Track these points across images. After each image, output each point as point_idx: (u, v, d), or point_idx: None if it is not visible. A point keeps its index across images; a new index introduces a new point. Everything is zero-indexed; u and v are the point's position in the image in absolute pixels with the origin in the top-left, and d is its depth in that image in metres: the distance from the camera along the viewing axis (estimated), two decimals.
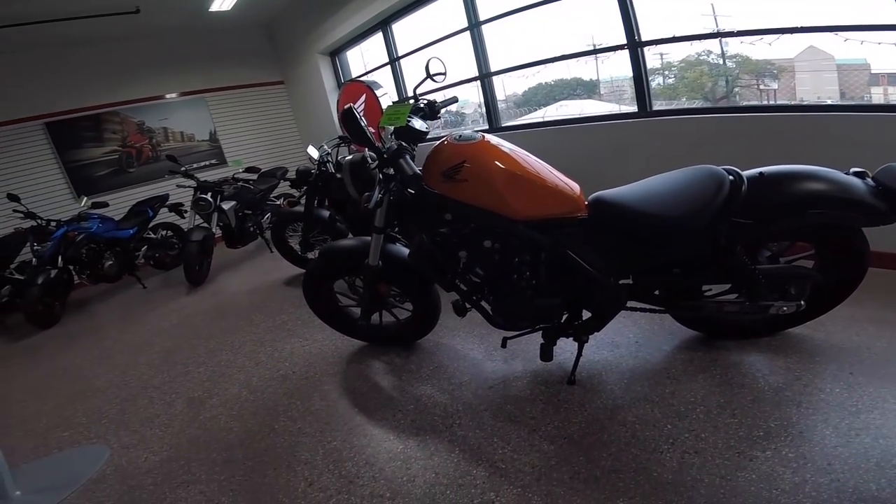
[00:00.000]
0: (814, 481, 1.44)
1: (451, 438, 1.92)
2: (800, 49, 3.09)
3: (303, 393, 2.43)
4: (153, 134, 6.31)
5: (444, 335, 2.69)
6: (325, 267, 2.48)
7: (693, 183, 1.76)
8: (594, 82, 4.40)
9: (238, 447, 2.12)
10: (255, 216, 5.08)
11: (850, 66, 3.00)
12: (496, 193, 1.83)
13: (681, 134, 3.15)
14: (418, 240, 2.05)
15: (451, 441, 1.91)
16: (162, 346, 3.38)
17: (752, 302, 1.87)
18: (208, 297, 4.32)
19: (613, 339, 2.36)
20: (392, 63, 5.44)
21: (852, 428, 1.61)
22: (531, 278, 1.94)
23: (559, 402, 2.01)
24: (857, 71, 2.98)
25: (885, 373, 1.83)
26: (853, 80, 3.03)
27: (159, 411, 2.53)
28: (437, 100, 2.20)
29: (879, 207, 1.64)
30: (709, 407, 1.83)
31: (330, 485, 1.80)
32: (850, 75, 3.03)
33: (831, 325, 2.14)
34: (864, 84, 2.98)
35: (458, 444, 1.88)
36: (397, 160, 1.91)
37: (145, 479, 2.04)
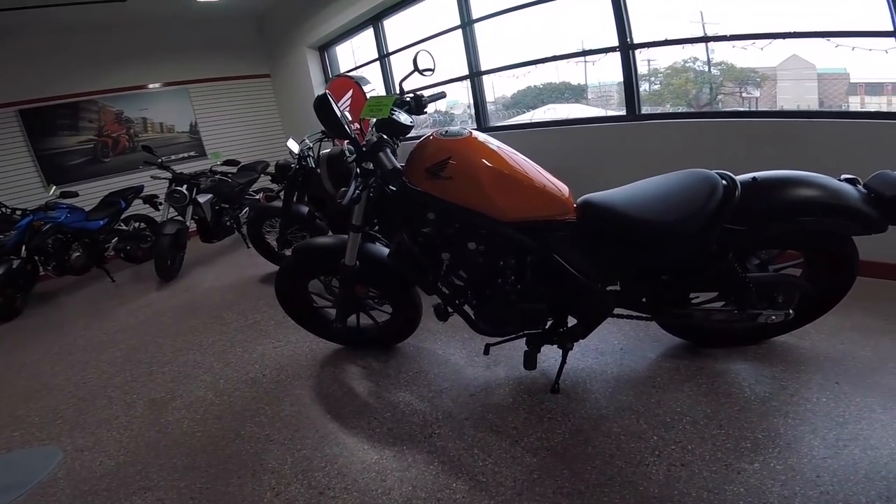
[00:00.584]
0: (803, 494, 1.41)
1: (430, 449, 1.83)
2: (783, 57, 3.13)
3: (272, 397, 2.32)
4: (132, 124, 6.15)
5: (424, 339, 2.60)
6: (299, 265, 2.36)
7: (685, 187, 1.71)
8: (582, 87, 4.40)
9: (201, 453, 2.00)
10: (232, 210, 4.94)
11: (830, 76, 3.05)
12: (482, 192, 1.75)
13: (668, 137, 3.14)
14: (399, 239, 1.94)
15: (430, 452, 1.82)
16: (127, 343, 3.23)
17: (740, 310, 1.83)
18: (179, 292, 4.16)
19: (598, 347, 2.30)
20: (381, 59, 5.36)
21: (840, 439, 1.59)
22: (516, 282, 1.86)
23: (542, 411, 1.94)
24: (837, 80, 3.03)
25: (872, 382, 1.82)
26: (832, 90, 3.08)
27: (118, 413, 2.39)
28: (425, 94, 2.11)
29: (871, 215, 1.62)
30: (695, 417, 1.79)
31: (298, 496, 1.70)
32: (830, 84, 3.08)
33: (817, 334, 2.13)
34: (842, 93, 3.03)
35: (437, 456, 1.79)
36: (377, 153, 1.79)
37: (99, 483, 1.91)
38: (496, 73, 4.34)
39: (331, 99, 1.73)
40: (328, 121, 1.76)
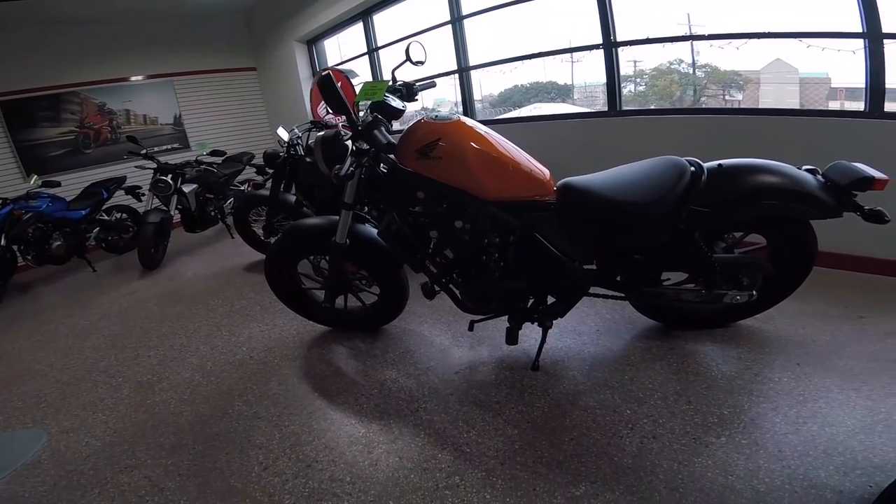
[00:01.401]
0: (766, 468, 1.50)
1: (416, 422, 1.90)
2: (767, 61, 3.24)
3: (260, 377, 2.35)
4: (114, 116, 6.10)
5: (410, 321, 2.67)
6: (290, 245, 2.40)
7: (656, 171, 1.83)
8: (568, 87, 4.50)
9: (188, 431, 2.03)
10: (217, 200, 4.94)
11: (812, 80, 3.17)
12: (469, 173, 1.83)
13: (648, 132, 3.27)
14: (389, 218, 2.02)
15: (416, 425, 1.88)
16: (110, 330, 3.22)
17: (707, 290, 1.94)
18: (163, 281, 4.14)
19: (576, 328, 2.40)
20: (371, 53, 5.40)
21: (800, 416, 1.69)
22: (500, 260, 1.94)
23: (523, 387, 2.02)
24: (818, 84, 3.15)
25: (830, 364, 1.94)
26: (813, 94, 3.20)
27: (104, 396, 2.40)
28: (416, 83, 2.18)
29: (828, 202, 1.74)
30: (666, 393, 1.88)
31: (286, 469, 1.75)
32: (812, 88, 3.20)
33: (780, 319, 2.25)
34: (822, 98, 3.15)
35: (423, 429, 1.86)
36: (372, 131, 1.87)
37: (84, 464, 1.92)
38: (483, 71, 4.41)
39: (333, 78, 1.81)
40: (330, 97, 1.82)
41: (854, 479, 1.41)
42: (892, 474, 1.33)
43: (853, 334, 2.12)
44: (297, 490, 1.65)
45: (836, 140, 2.59)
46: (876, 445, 1.52)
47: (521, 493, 1.52)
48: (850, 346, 2.03)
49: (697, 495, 1.43)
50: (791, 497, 1.39)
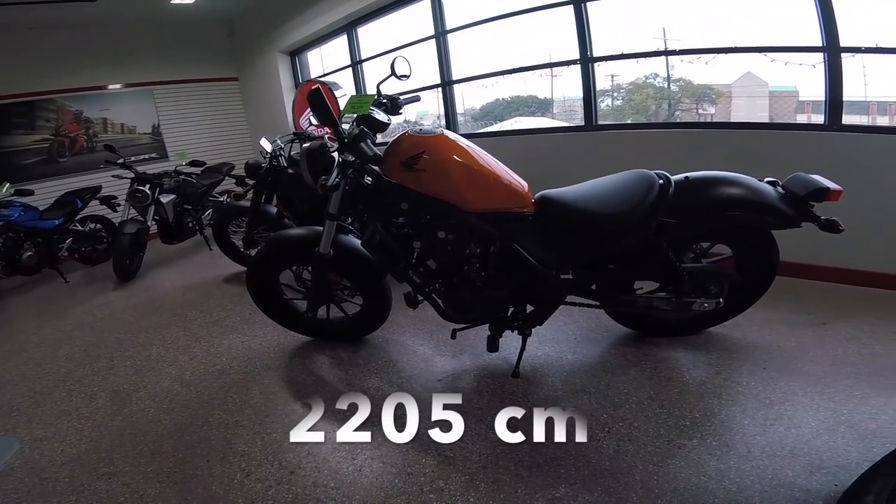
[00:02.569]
0: (737, 468, 1.56)
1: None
2: (738, 75, 3.39)
3: (241, 387, 2.34)
4: (91, 124, 6.01)
5: (393, 331, 2.69)
6: (273, 255, 2.42)
7: (627, 184, 1.93)
8: (548, 101, 4.62)
9: (168, 439, 2.01)
10: (195, 212, 4.88)
11: (781, 93, 3.32)
12: (452, 185, 1.90)
13: (622, 146, 3.41)
14: (373, 228, 2.07)
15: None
16: (84, 340, 3.15)
17: (677, 298, 2.03)
18: (139, 292, 4.07)
19: (554, 336, 2.47)
20: (354, 66, 5.45)
21: (767, 418, 1.78)
22: (481, 270, 2.00)
23: (504, 393, 2.07)
24: (787, 97, 3.30)
25: (794, 368, 2.04)
26: (782, 107, 3.35)
27: (79, 404, 2.36)
28: (400, 97, 2.25)
29: (787, 212, 1.86)
30: (640, 398, 1.96)
31: (269, 475, 1.75)
32: (781, 101, 3.35)
33: (747, 326, 2.36)
34: (791, 111, 3.30)
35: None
36: (358, 144, 1.93)
37: (60, 471, 1.89)
38: (466, 84, 4.51)
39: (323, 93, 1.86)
40: (320, 110, 1.87)
41: (820, 479, 1.48)
42: (855, 473, 1.39)
43: (816, 340, 2.23)
44: (281, 496, 1.65)
45: (798, 152, 2.74)
46: (839, 446, 1.60)
47: (503, 495, 1.56)
48: (813, 351, 2.15)
49: (672, 495, 1.48)
50: (761, 496, 1.45)
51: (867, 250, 2.67)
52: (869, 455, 1.50)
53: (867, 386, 1.88)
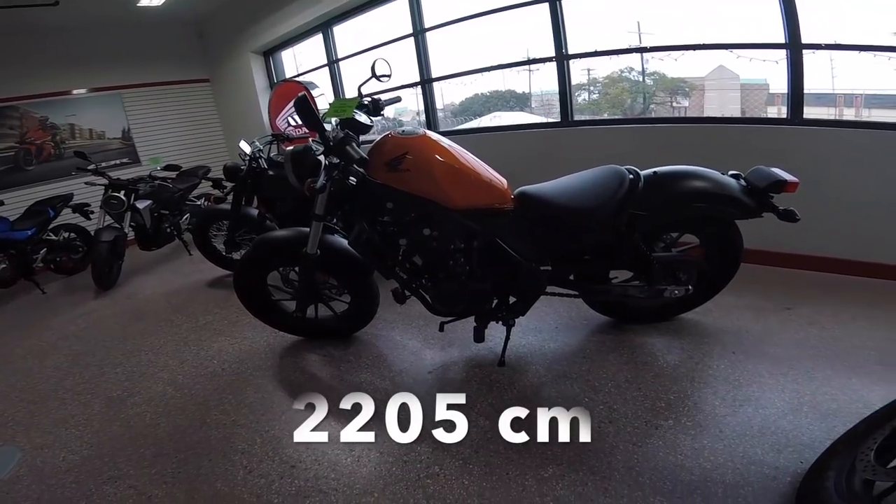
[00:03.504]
0: (710, 447, 1.67)
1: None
2: (711, 68, 3.52)
3: (235, 388, 2.39)
4: (58, 130, 5.83)
5: (382, 328, 2.77)
6: (260, 257, 2.47)
7: (599, 179, 2.06)
8: (527, 95, 4.71)
9: (168, 441, 2.06)
10: (172, 216, 4.83)
11: (752, 86, 3.45)
12: (435, 183, 1.99)
13: (598, 141, 3.53)
14: (359, 227, 2.14)
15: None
16: (71, 349, 3.13)
17: (649, 286, 2.17)
18: (121, 300, 4.04)
19: (537, 326, 2.59)
20: (331, 65, 5.42)
21: (736, 399, 1.90)
22: (465, 264, 2.10)
23: (491, 381, 2.18)
24: (758, 90, 3.44)
25: (761, 352, 2.18)
26: (754, 99, 3.48)
27: (74, 412, 2.37)
28: (381, 98, 2.32)
29: (748, 203, 2.01)
30: (619, 382, 2.08)
31: (270, 471, 1.81)
32: (752, 94, 3.48)
33: (717, 312, 2.51)
34: (762, 103, 3.43)
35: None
36: (343, 147, 1.99)
37: (65, 477, 1.92)
38: (445, 81, 4.55)
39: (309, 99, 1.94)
40: (306, 116, 1.96)
41: (787, 456, 1.59)
42: (818, 451, 1.47)
43: (781, 324, 2.39)
44: (284, 490, 1.72)
45: (763, 145, 2.90)
46: (803, 425, 1.72)
47: (495, 477, 1.66)
48: (778, 335, 2.29)
49: (652, 473, 1.59)
50: (734, 473, 1.55)
51: (827, 238, 2.85)
52: (831, 434, 1.59)
53: (828, 368, 2.01)
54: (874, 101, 3.12)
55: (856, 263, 2.81)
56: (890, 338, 2.18)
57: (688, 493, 1.50)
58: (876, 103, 3.11)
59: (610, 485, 1.57)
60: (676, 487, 1.52)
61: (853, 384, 1.90)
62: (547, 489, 1.58)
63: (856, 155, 2.69)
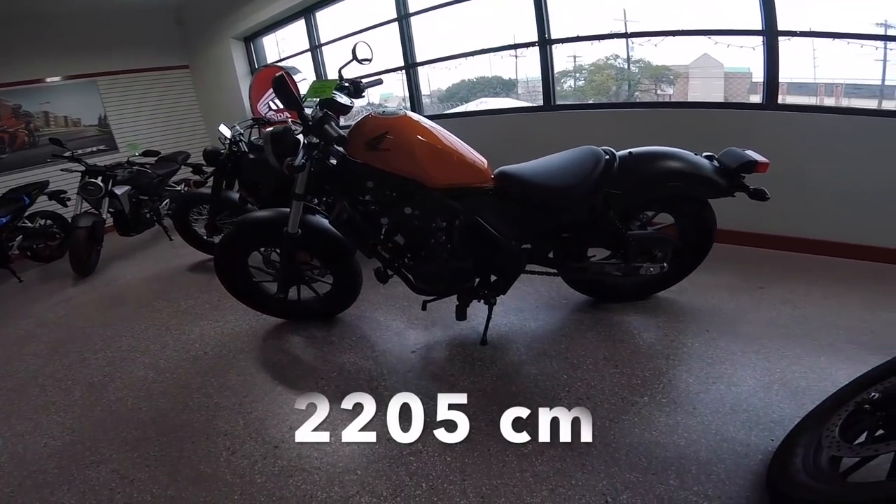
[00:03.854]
0: (684, 423, 1.70)
1: (377, 399, 1.98)
2: (695, 56, 3.55)
3: (217, 371, 2.39)
4: (31, 118, 5.71)
5: (365, 309, 2.78)
6: (241, 238, 2.46)
7: (576, 159, 2.09)
8: (513, 81, 4.72)
9: (150, 425, 2.05)
10: (152, 202, 4.76)
11: (735, 74, 3.49)
12: (416, 162, 2.00)
13: (579, 125, 3.58)
14: (340, 206, 2.15)
15: (377, 401, 1.97)
16: (50, 336, 3.09)
17: (626, 263, 2.22)
18: (100, 286, 3.98)
19: (518, 305, 2.63)
20: (314, 50, 5.37)
21: (710, 376, 1.94)
22: (447, 243, 2.12)
23: (474, 360, 2.21)
24: (742, 78, 3.48)
25: (734, 330, 2.23)
26: (737, 87, 3.52)
27: (55, 398, 2.35)
28: (363, 80, 2.31)
29: (721, 183, 2.06)
30: (596, 359, 2.12)
31: (254, 451, 1.82)
32: (735, 82, 3.53)
33: (692, 290, 2.56)
34: (745, 91, 3.48)
35: (385, 404, 1.96)
36: (322, 126, 2.00)
37: (47, 463, 1.91)
38: (431, 66, 4.54)
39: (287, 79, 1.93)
40: (284, 95, 1.94)
41: (758, 434, 1.62)
42: (788, 429, 1.51)
43: (753, 303, 2.44)
44: (267, 469, 1.73)
45: (739, 129, 2.96)
46: (774, 402, 1.76)
47: (477, 454, 1.69)
48: (751, 314, 2.35)
49: (628, 449, 1.63)
50: (707, 450, 1.58)
51: (799, 219, 2.93)
52: (800, 411, 1.62)
53: (798, 346, 2.06)
54: (854, 90, 3.18)
55: (827, 243, 2.89)
56: (859, 317, 2.24)
57: (662, 469, 1.53)
58: (855, 93, 3.18)
59: (587, 460, 1.60)
60: (652, 464, 1.55)
61: (822, 362, 1.95)
62: (527, 464, 1.61)
63: (828, 139, 2.76)
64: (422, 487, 1.58)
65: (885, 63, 2.77)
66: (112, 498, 1.70)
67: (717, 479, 1.48)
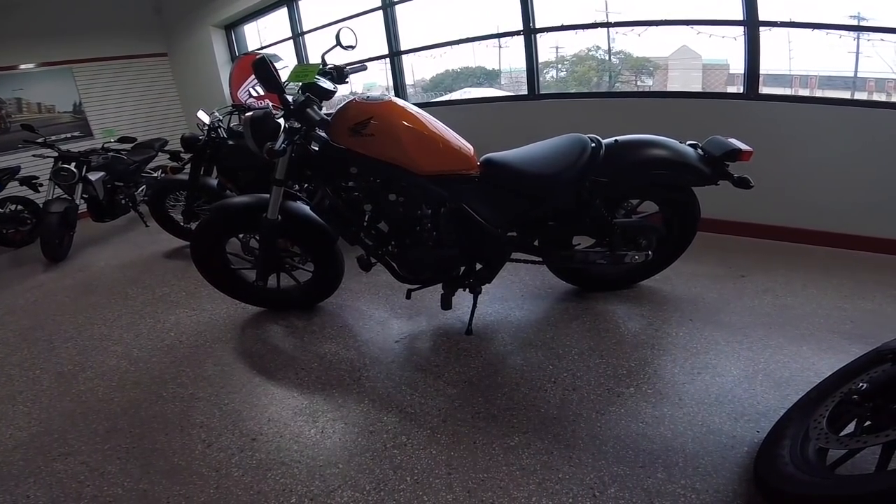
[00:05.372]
0: (670, 415, 1.69)
1: (360, 390, 1.98)
2: (674, 48, 3.56)
3: (193, 360, 2.32)
4: (3, 105, 5.60)
5: (347, 298, 2.73)
6: (218, 223, 2.38)
7: (562, 147, 2.07)
8: (496, 72, 4.70)
9: (122, 416, 1.97)
10: (127, 188, 4.65)
11: (713, 66, 3.54)
12: (401, 148, 1.95)
13: (563, 114, 3.57)
14: (322, 192, 2.10)
15: (360, 392, 1.96)
16: (18, 324, 2.97)
17: (611, 251, 2.20)
18: (72, 273, 3.85)
19: (503, 294, 2.60)
20: (296, 38, 5.28)
21: (694, 367, 1.93)
22: (431, 230, 2.08)
23: (459, 350, 2.18)
24: (719, 70, 3.52)
25: (717, 319, 2.23)
26: (715, 79, 3.57)
27: (21, 388, 2.25)
28: (347, 66, 2.25)
29: (705, 171, 2.05)
30: (582, 349, 2.11)
31: (230, 444, 1.76)
32: (713, 74, 3.57)
33: (676, 279, 2.57)
34: (722, 83, 3.51)
35: (367, 395, 1.94)
36: (304, 110, 1.94)
37: (12, 455, 1.82)
38: (415, 55, 4.50)
39: (268, 61, 1.86)
40: (265, 78, 1.88)
41: (743, 425, 1.60)
42: (773, 420, 1.49)
43: (736, 292, 2.45)
44: (245, 463, 1.67)
45: (721, 118, 2.97)
46: (758, 393, 1.74)
47: (463, 446, 1.65)
48: (733, 303, 2.35)
49: (615, 441, 1.60)
50: (693, 442, 1.56)
51: (780, 207, 2.96)
52: (784, 402, 1.62)
53: (780, 336, 2.06)
54: (828, 83, 3.23)
55: (807, 232, 2.93)
56: (839, 305, 2.27)
57: (650, 462, 1.51)
58: (829, 85, 3.23)
59: (574, 453, 1.57)
60: (639, 456, 1.53)
61: (804, 352, 1.95)
62: (514, 458, 1.58)
63: (808, 128, 2.79)
64: (406, 481, 1.54)
65: (858, 55, 2.83)
66: (81, 491, 1.62)
67: (704, 471, 1.46)
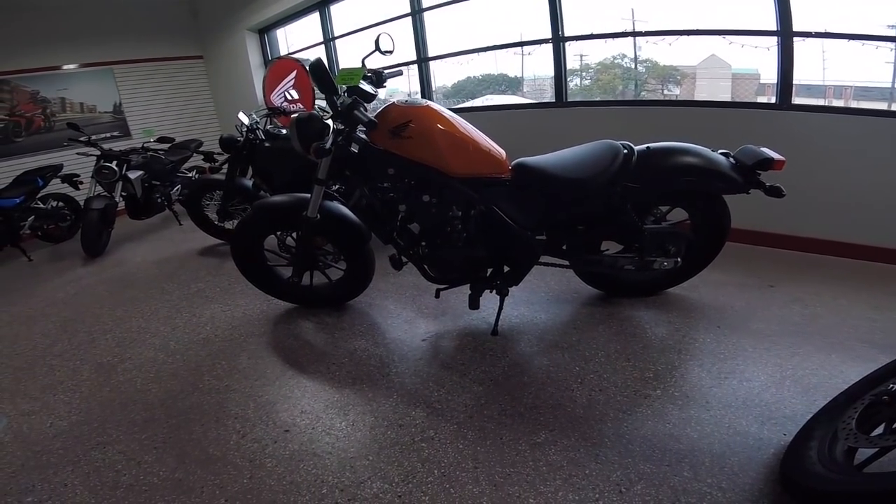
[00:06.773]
0: (697, 417, 1.70)
1: (389, 385, 2.02)
2: (703, 56, 3.53)
3: (228, 353, 2.39)
4: (48, 104, 5.80)
5: (375, 297, 2.78)
6: (259, 221, 2.48)
7: (595, 152, 2.09)
8: (518, 79, 4.71)
9: (159, 407, 2.03)
10: (163, 187, 4.81)
11: (743, 76, 3.47)
12: (437, 151, 2.01)
13: (590, 121, 3.57)
14: (360, 192, 2.17)
15: (389, 388, 2.01)
16: (59, 315, 3.10)
17: (640, 258, 2.21)
18: (110, 267, 4.00)
19: (529, 297, 2.62)
20: (327, 43, 5.40)
21: (721, 371, 1.94)
22: (462, 231, 2.13)
23: (485, 349, 2.21)
24: (749, 80, 3.46)
25: (745, 327, 2.23)
26: (744, 88, 3.50)
27: (63, 378, 2.34)
28: (384, 71, 2.32)
29: (736, 179, 2.05)
30: (608, 352, 2.12)
31: (264, 435, 1.80)
32: (743, 83, 3.51)
33: (703, 288, 2.56)
34: (752, 92, 3.46)
35: (396, 390, 1.99)
36: (352, 111, 2.01)
37: (52, 443, 1.88)
38: (438, 62, 4.57)
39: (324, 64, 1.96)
40: (321, 80, 1.97)
41: (770, 428, 1.61)
42: (800, 424, 1.50)
43: (764, 301, 2.43)
44: (278, 453, 1.71)
45: (752, 128, 2.94)
46: (785, 398, 1.75)
47: (489, 441, 1.68)
48: (761, 312, 2.34)
49: (641, 441, 1.62)
50: (720, 443, 1.57)
51: (810, 219, 2.92)
52: (812, 407, 1.61)
53: (809, 344, 2.05)
54: (863, 93, 3.16)
55: (838, 244, 2.88)
56: (869, 317, 2.23)
57: (676, 461, 1.52)
58: (865, 96, 3.16)
59: (601, 451, 1.59)
60: (665, 456, 1.54)
61: (833, 360, 1.94)
62: (540, 454, 1.60)
63: (841, 140, 2.75)
64: (434, 474, 1.57)
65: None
66: (118, 479, 1.67)
67: (731, 471, 1.47)
